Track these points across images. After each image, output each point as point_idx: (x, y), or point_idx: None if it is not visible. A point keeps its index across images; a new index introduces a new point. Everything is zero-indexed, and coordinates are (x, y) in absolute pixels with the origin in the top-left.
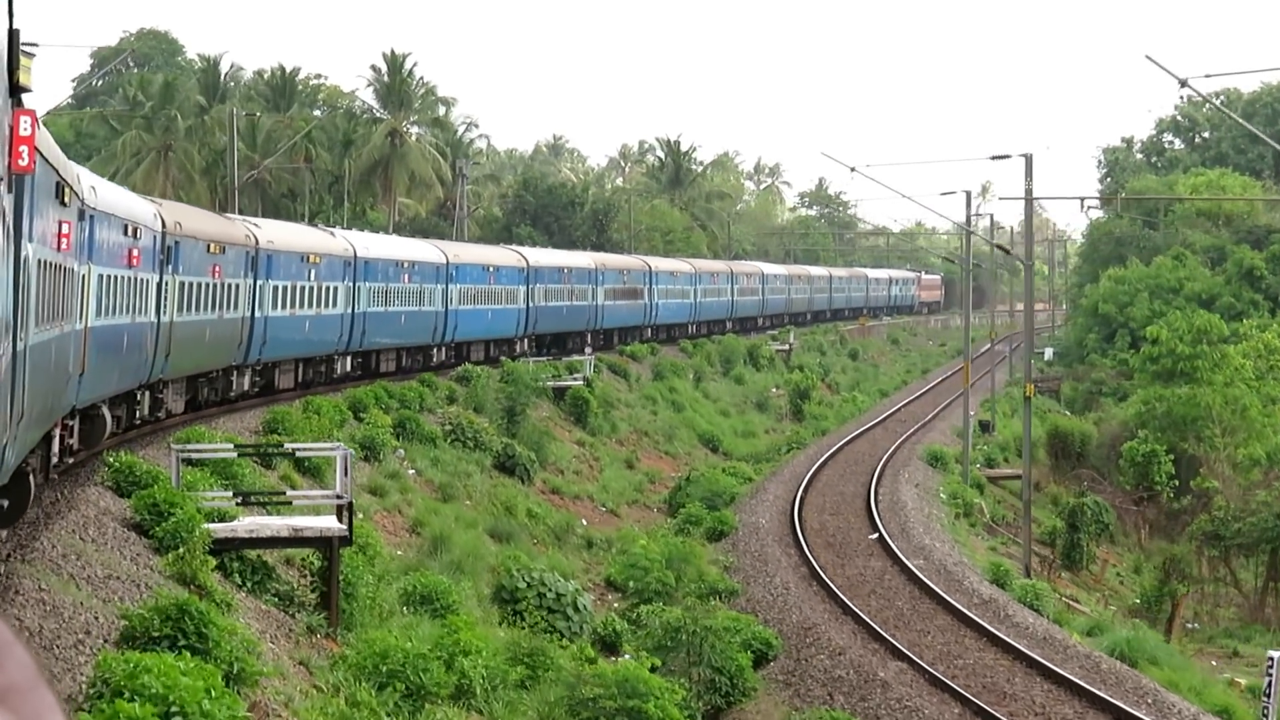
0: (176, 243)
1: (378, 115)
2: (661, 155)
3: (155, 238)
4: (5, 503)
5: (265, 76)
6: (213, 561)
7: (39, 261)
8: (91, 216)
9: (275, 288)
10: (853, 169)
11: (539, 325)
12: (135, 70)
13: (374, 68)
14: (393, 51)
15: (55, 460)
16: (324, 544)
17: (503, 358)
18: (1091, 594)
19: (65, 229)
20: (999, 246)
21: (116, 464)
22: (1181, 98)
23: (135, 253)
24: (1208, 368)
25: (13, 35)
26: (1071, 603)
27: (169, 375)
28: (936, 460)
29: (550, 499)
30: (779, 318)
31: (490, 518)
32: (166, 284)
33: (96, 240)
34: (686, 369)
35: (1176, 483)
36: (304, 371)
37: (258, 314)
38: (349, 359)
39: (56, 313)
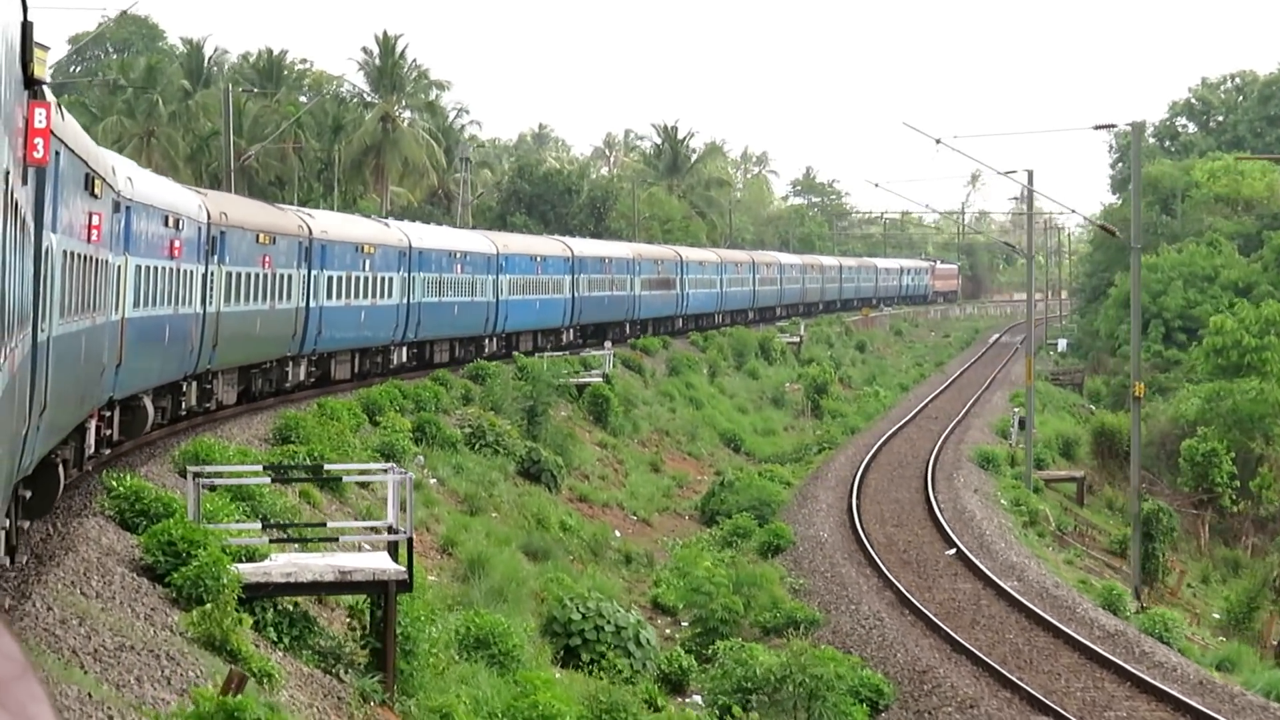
0: (223, 233)
1: (369, 99)
2: (657, 141)
3: (200, 229)
4: (29, 493)
5: (251, 60)
6: (248, 620)
7: (64, 253)
8: (128, 208)
9: (330, 278)
10: (938, 140)
11: (583, 315)
12: (115, 56)
13: (365, 49)
14: (385, 33)
15: (91, 451)
16: (377, 589)
17: (515, 354)
18: (1171, 609)
19: (96, 220)
20: (1104, 228)
21: (119, 489)
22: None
23: (177, 244)
24: (1278, 361)
25: (26, 27)
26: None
27: (218, 366)
28: (988, 462)
29: (578, 507)
30: (794, 307)
31: (522, 532)
32: (213, 274)
33: (133, 231)
34: (700, 363)
35: (1238, 484)
36: (360, 363)
37: (312, 304)
38: (404, 350)
39: (86, 304)
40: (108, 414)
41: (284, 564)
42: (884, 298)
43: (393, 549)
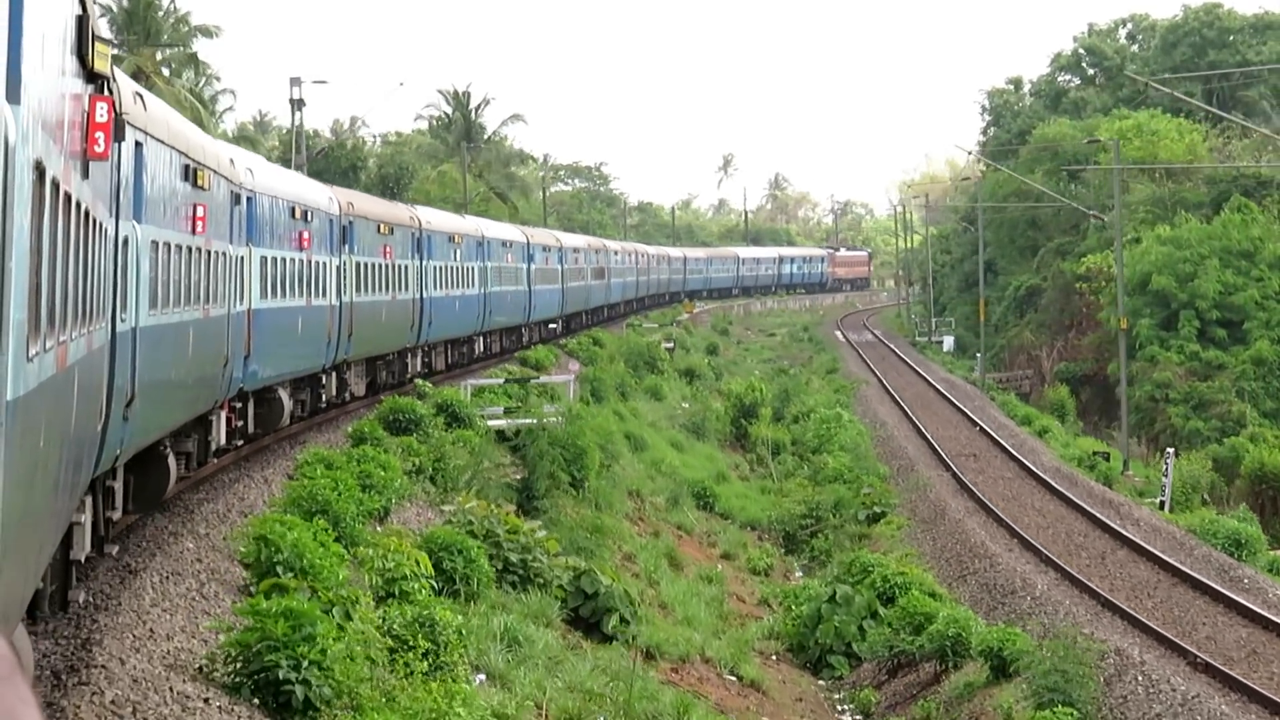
0: (351, 223)
1: (118, 52)
2: (447, 110)
3: (330, 220)
4: (115, 484)
5: None
6: None
7: (153, 243)
8: (249, 199)
9: (434, 269)
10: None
11: (567, 306)
12: None
13: None
14: None
15: (222, 443)
16: None
17: (419, 383)
18: None
19: (200, 212)
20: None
21: None
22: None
23: (306, 235)
24: None
25: (82, 21)
26: None
27: (352, 356)
28: (1238, 548)
29: (660, 673)
30: (657, 298)
31: None
32: (344, 265)
33: (257, 223)
34: (609, 383)
35: None
36: (451, 354)
37: (424, 295)
38: (482, 340)
39: (193, 295)
40: (239, 405)
41: None
42: (753, 288)
43: None
